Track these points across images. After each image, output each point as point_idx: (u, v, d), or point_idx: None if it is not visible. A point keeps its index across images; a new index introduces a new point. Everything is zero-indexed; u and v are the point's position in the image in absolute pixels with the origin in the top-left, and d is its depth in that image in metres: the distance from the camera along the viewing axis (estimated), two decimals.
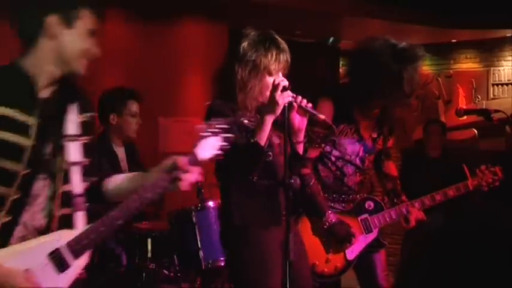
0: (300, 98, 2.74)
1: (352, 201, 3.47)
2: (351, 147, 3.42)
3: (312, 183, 3.31)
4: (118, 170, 4.16)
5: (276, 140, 2.86)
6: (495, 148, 6.21)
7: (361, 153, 3.45)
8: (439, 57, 7.46)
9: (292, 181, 2.65)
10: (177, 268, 3.96)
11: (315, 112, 2.76)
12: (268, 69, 2.82)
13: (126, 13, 5.38)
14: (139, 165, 4.34)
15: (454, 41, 7.22)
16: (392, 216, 3.47)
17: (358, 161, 3.46)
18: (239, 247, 2.88)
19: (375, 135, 3.48)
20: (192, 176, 2.15)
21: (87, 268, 2.20)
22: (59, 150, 2.18)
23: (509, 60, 6.96)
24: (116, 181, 2.32)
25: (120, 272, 3.74)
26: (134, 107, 4.18)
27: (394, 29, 6.39)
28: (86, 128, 2.30)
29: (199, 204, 4.14)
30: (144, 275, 3.75)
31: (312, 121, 3.25)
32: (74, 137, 2.25)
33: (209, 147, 2.16)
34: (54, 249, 2.06)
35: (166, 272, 3.84)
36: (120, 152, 4.24)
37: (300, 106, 2.73)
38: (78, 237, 2.11)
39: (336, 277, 3.43)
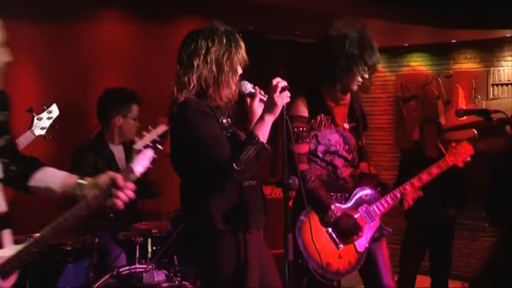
0: (258, 88, 2.83)
1: (348, 197, 3.51)
2: (333, 137, 3.51)
3: (312, 178, 3.35)
4: (114, 169, 4.16)
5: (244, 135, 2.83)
6: (495, 148, 6.20)
7: (342, 144, 3.54)
8: (439, 57, 7.45)
9: (291, 181, 2.65)
10: (177, 268, 3.96)
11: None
12: (240, 61, 2.86)
13: (126, 13, 5.38)
14: None
15: (454, 41, 7.21)
16: (389, 201, 3.55)
17: (344, 152, 3.52)
18: (222, 253, 2.75)
19: (348, 127, 3.57)
20: (128, 193, 2.13)
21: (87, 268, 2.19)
22: None
23: (509, 60, 6.95)
24: (42, 178, 2.27)
25: (120, 272, 3.74)
26: (136, 110, 4.27)
27: (394, 29, 6.39)
28: (2, 129, 2.24)
29: None
30: (144, 275, 3.75)
31: (292, 117, 3.31)
32: None
33: (143, 160, 2.15)
34: None
35: (166, 272, 3.84)
36: (118, 151, 4.26)
37: (261, 99, 2.80)
38: (9, 259, 2.09)
39: (350, 273, 3.46)
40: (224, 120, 2.83)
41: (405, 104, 7.66)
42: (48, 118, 3.90)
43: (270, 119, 2.70)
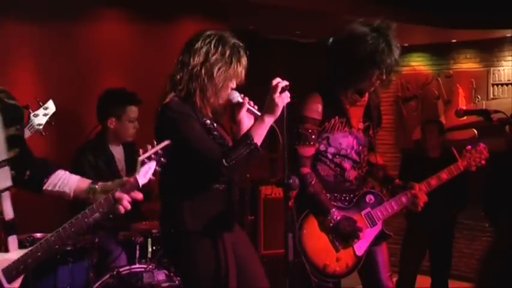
0: (247, 98, 2.79)
1: (353, 198, 3.47)
2: (345, 141, 3.44)
3: (313, 182, 3.31)
4: (114, 170, 4.17)
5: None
6: (495, 148, 6.20)
7: (355, 147, 3.47)
8: (439, 57, 7.45)
9: (291, 181, 2.65)
10: None
11: (259, 113, 2.77)
12: (230, 77, 2.83)
13: (126, 13, 5.38)
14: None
15: (454, 41, 7.21)
16: (394, 206, 3.49)
17: (354, 155, 3.47)
18: (191, 254, 2.78)
19: (361, 127, 3.50)
20: (137, 196, 2.25)
21: (87, 268, 2.23)
22: None
23: (509, 60, 6.95)
24: (55, 182, 2.36)
25: (120, 272, 3.74)
26: (133, 112, 4.21)
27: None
28: (14, 142, 2.27)
29: None
30: (144, 275, 3.75)
31: (303, 118, 3.28)
32: (2, 163, 2.22)
33: (147, 172, 2.26)
34: None
35: (166, 272, 3.84)
36: (118, 151, 4.25)
37: (248, 109, 2.79)
38: (15, 263, 2.15)
39: (347, 275, 3.44)
40: (208, 121, 2.81)
41: (405, 104, 7.66)
42: (45, 115, 3.89)
43: (269, 120, 2.69)
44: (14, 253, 2.20)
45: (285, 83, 2.69)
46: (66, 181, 2.36)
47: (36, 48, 4.78)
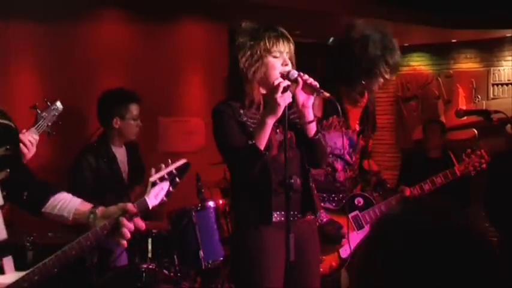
0: (306, 76, 2.71)
1: (342, 199, 3.46)
2: (340, 141, 3.44)
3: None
4: (116, 172, 4.17)
5: (279, 137, 2.80)
6: (495, 148, 6.20)
7: (347, 148, 3.47)
8: (439, 57, 7.46)
9: (292, 181, 2.64)
10: (177, 268, 3.95)
11: (320, 90, 2.70)
12: (267, 49, 2.76)
13: (126, 13, 5.38)
14: (140, 166, 4.34)
15: (454, 41, 7.21)
16: (383, 209, 3.49)
17: (347, 156, 3.47)
18: (236, 248, 2.88)
19: (357, 128, 3.51)
20: (138, 224, 2.13)
21: (87, 268, 2.18)
22: None
23: (509, 60, 6.95)
24: (54, 204, 2.26)
25: (120, 272, 3.74)
26: (135, 110, 4.22)
27: (394, 29, 6.35)
28: (2, 163, 2.20)
29: (199, 204, 4.15)
30: (144, 275, 3.74)
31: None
32: None
33: (158, 193, 2.14)
34: None
35: (166, 272, 3.84)
36: (120, 153, 4.25)
37: (305, 83, 2.70)
38: (9, 287, 2.07)
39: (331, 276, 3.42)
40: (245, 118, 2.78)
41: (405, 103, 7.66)
42: (53, 115, 3.89)
43: (271, 120, 2.68)
44: (10, 275, 2.10)
45: (287, 82, 2.68)
46: (66, 204, 2.25)
47: (36, 48, 4.78)
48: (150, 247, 3.90)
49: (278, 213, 2.76)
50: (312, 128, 2.81)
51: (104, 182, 4.06)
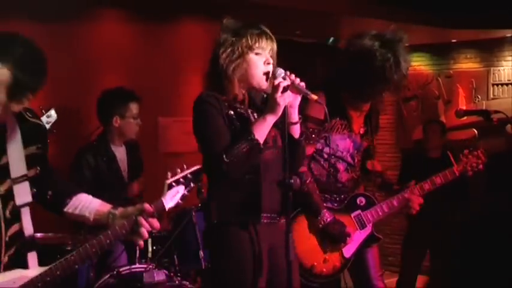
0: (293, 76, 2.71)
1: (344, 200, 3.47)
2: (342, 143, 3.45)
3: (308, 181, 3.31)
4: (116, 171, 4.17)
5: (270, 132, 2.77)
6: (495, 148, 6.21)
7: (351, 150, 3.48)
8: (439, 57, 7.45)
9: (292, 181, 2.64)
10: (177, 268, 3.95)
11: (308, 92, 2.70)
12: (249, 46, 2.76)
13: (126, 13, 5.38)
14: (140, 165, 4.35)
15: (454, 41, 7.21)
16: (385, 209, 3.49)
17: (349, 158, 3.48)
18: (217, 246, 2.79)
19: (362, 131, 3.51)
20: (154, 224, 2.22)
21: (87, 268, 2.22)
22: (7, 195, 2.16)
23: (509, 60, 6.95)
24: (76, 205, 2.35)
25: (121, 272, 3.74)
26: (135, 109, 4.23)
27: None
28: (34, 160, 2.26)
29: (199, 204, 4.15)
30: (144, 274, 3.74)
31: (306, 117, 3.26)
32: (21, 178, 2.22)
33: (174, 195, 2.24)
34: None
35: (166, 271, 3.84)
36: (120, 152, 4.25)
37: (292, 84, 2.69)
38: (33, 280, 2.15)
39: (334, 276, 3.43)
40: (232, 112, 2.75)
41: (405, 103, 7.66)
42: (47, 123, 3.90)
43: (271, 119, 2.68)
44: (33, 270, 2.19)
45: (287, 82, 2.68)
46: (87, 204, 2.34)
47: None
48: (150, 247, 3.90)
49: (265, 215, 2.76)
50: (297, 130, 2.81)
51: (103, 181, 4.07)
